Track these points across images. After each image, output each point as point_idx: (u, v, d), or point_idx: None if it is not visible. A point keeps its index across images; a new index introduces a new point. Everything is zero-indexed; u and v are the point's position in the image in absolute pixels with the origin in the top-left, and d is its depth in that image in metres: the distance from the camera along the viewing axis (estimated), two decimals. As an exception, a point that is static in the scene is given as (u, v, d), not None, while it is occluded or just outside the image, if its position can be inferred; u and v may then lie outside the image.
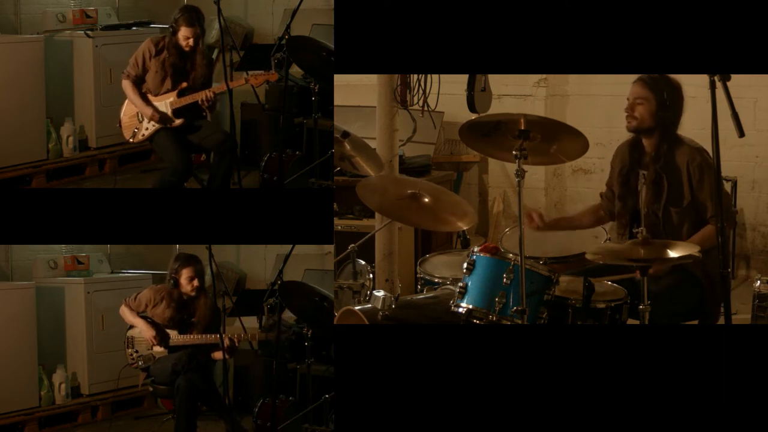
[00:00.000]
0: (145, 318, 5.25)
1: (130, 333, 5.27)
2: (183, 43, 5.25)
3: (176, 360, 5.10)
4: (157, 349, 5.22)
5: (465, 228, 4.69)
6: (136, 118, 5.34)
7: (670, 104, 4.54)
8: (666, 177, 4.54)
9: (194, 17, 5.25)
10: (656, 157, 4.57)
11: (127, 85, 5.32)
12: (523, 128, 4.07)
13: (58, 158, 6.08)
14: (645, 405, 3.86)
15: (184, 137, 5.33)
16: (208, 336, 5.16)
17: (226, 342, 5.04)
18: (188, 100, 5.26)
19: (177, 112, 5.29)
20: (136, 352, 5.25)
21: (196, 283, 5.23)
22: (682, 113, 4.59)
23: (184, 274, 5.23)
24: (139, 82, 5.32)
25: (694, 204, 4.52)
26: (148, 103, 5.30)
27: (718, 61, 4.12)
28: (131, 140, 5.39)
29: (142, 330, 5.22)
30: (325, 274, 5.82)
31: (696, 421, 3.84)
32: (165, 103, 5.29)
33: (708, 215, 4.49)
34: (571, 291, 4.27)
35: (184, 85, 5.29)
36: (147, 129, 5.33)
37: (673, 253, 4.07)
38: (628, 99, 4.60)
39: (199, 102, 5.24)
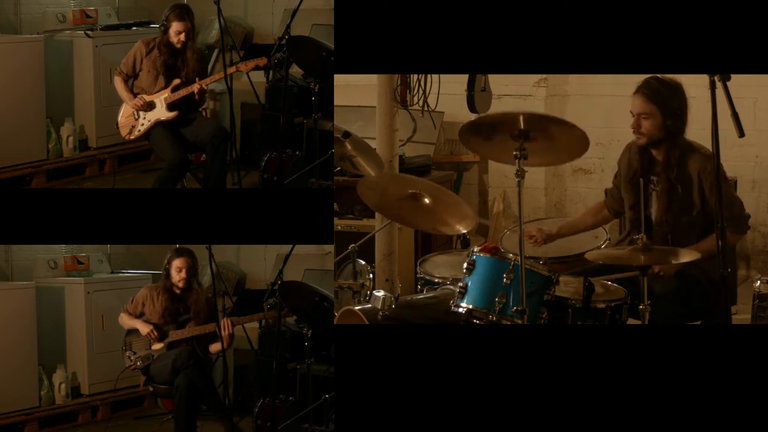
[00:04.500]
0: (142, 319, 5.26)
1: (127, 337, 5.27)
2: (174, 39, 5.30)
3: (176, 356, 5.09)
4: (156, 346, 5.21)
5: (464, 231, 4.69)
6: (132, 117, 5.39)
7: (676, 111, 4.46)
8: (680, 186, 4.48)
9: (184, 12, 5.31)
10: (668, 166, 4.50)
11: (117, 81, 5.42)
12: (522, 126, 4.06)
13: (58, 158, 6.07)
14: (645, 405, 3.86)
15: (180, 131, 5.38)
16: (206, 326, 5.17)
17: (224, 331, 5.05)
18: (181, 93, 5.31)
19: (171, 106, 5.34)
20: (134, 353, 5.24)
21: (183, 274, 5.23)
22: (687, 116, 4.50)
23: (174, 265, 5.25)
24: (129, 81, 5.41)
25: (704, 212, 4.45)
26: (135, 95, 5.39)
27: (718, 61, 4.13)
28: (128, 137, 5.43)
29: (140, 328, 5.22)
30: (325, 274, 5.82)
31: (696, 420, 3.84)
32: (160, 99, 5.34)
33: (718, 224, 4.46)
34: (571, 291, 4.27)
35: (177, 81, 5.34)
36: (143, 125, 5.37)
37: (672, 260, 4.07)
38: (632, 113, 4.51)
39: (195, 93, 5.30)
